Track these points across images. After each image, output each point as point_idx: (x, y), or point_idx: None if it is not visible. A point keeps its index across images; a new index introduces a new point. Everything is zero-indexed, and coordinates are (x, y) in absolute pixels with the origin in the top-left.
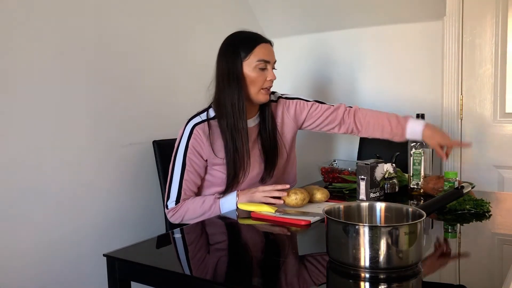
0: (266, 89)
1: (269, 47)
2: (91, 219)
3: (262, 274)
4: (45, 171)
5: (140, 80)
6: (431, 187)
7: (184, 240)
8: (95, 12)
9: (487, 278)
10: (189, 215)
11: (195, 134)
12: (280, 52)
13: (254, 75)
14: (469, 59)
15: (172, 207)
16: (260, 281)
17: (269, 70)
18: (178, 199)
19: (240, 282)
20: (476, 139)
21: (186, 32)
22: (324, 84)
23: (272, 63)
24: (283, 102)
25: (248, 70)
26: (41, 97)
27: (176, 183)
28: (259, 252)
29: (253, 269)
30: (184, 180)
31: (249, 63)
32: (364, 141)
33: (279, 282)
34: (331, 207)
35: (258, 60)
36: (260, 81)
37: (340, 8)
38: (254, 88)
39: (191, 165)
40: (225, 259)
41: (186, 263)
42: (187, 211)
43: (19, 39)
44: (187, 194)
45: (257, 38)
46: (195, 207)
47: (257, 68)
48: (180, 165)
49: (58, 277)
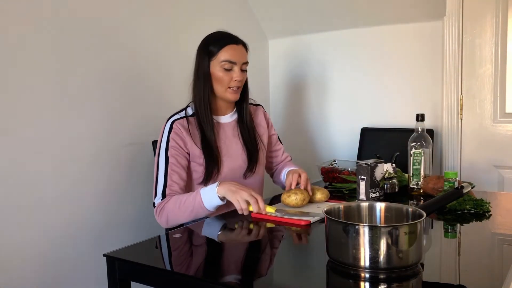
0: (233, 88)
1: (239, 48)
2: (91, 219)
3: (262, 274)
4: (44, 171)
5: (140, 81)
6: (431, 187)
7: (184, 240)
8: (95, 12)
9: (487, 278)
10: (175, 211)
11: (175, 128)
12: (280, 52)
13: (220, 74)
14: (469, 59)
15: (159, 202)
16: (260, 281)
17: (235, 70)
18: (164, 194)
19: (240, 282)
20: (476, 139)
21: (186, 32)
22: (323, 84)
23: (240, 64)
24: (262, 109)
25: (215, 69)
26: (40, 97)
27: (161, 178)
28: (259, 252)
29: (253, 269)
30: (168, 174)
31: (215, 63)
32: (364, 141)
33: (279, 282)
34: (331, 207)
35: (223, 61)
36: (226, 80)
37: (341, 9)
38: (220, 87)
39: (173, 157)
40: (225, 259)
41: (186, 263)
42: (172, 208)
43: (19, 39)
44: (173, 188)
45: (226, 39)
46: (180, 201)
47: (222, 68)
48: (164, 159)
49: (58, 277)
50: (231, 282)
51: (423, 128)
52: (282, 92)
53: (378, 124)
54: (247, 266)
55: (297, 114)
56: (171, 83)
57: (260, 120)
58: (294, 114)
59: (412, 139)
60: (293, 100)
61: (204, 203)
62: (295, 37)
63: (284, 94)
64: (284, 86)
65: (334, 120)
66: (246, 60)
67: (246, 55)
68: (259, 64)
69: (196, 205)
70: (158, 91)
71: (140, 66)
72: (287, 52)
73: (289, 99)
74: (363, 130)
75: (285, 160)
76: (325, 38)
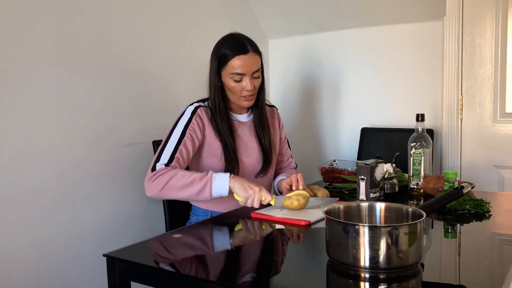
0: (247, 97)
1: (247, 57)
2: (91, 219)
3: (262, 274)
4: (44, 171)
5: (140, 81)
6: (431, 187)
7: (184, 240)
8: (95, 13)
9: (487, 278)
10: (175, 182)
11: (198, 113)
12: (280, 52)
13: (232, 85)
14: (469, 59)
15: (161, 167)
16: (261, 281)
17: (245, 81)
18: (169, 162)
19: (240, 282)
20: (476, 139)
21: (186, 32)
22: (323, 84)
23: (250, 73)
24: (276, 111)
25: (226, 80)
26: (40, 97)
27: (171, 148)
28: (259, 252)
29: (253, 269)
30: (180, 147)
31: (225, 74)
32: (364, 141)
33: (279, 282)
34: (331, 207)
35: (231, 73)
36: (237, 91)
37: (341, 9)
38: (233, 96)
39: (190, 136)
40: (225, 259)
41: (186, 263)
42: (175, 175)
43: (19, 39)
44: (178, 162)
45: (235, 50)
46: (185, 174)
47: (232, 79)
48: (180, 132)
49: (58, 277)
50: (231, 282)
51: (423, 128)
52: (282, 92)
53: (378, 124)
54: (247, 266)
55: (297, 114)
56: (172, 83)
57: (273, 121)
58: (294, 114)
59: (412, 139)
60: (293, 100)
61: (212, 188)
62: (295, 37)
63: (284, 94)
64: (283, 86)
65: (334, 120)
66: (257, 68)
67: (258, 62)
68: None
69: (201, 186)
70: (159, 91)
71: (141, 66)
72: (287, 52)
73: (289, 99)
74: (363, 130)
75: (288, 166)
76: (325, 38)
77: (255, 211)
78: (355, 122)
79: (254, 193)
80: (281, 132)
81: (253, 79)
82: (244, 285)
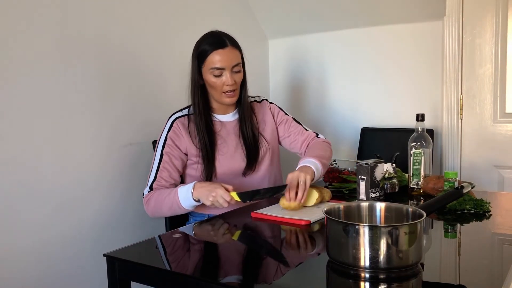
0: (228, 93)
1: (226, 52)
2: (91, 219)
3: (262, 274)
4: (44, 171)
5: (140, 81)
6: (431, 187)
7: (184, 240)
8: (95, 13)
9: (487, 278)
10: (157, 205)
11: (174, 127)
12: (280, 52)
13: (212, 80)
14: (469, 59)
15: (146, 194)
16: (261, 281)
17: (225, 75)
18: (151, 186)
19: (240, 282)
20: (476, 139)
21: (187, 33)
22: (324, 84)
23: (230, 68)
24: (267, 104)
25: (206, 76)
26: (40, 97)
27: (153, 172)
28: (259, 252)
29: (253, 269)
30: (159, 170)
31: (205, 70)
32: (364, 141)
33: (279, 282)
34: (331, 207)
35: (211, 68)
36: (218, 86)
37: (341, 9)
38: (215, 92)
39: (168, 156)
40: (225, 259)
41: (186, 263)
42: (155, 200)
43: (19, 39)
44: (160, 183)
45: (213, 45)
46: (162, 196)
47: (212, 75)
48: (159, 155)
49: (58, 277)
50: (231, 282)
51: (423, 128)
52: (282, 92)
53: (378, 124)
54: (247, 266)
55: (297, 114)
56: (171, 83)
57: (264, 115)
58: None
59: (412, 139)
60: (293, 100)
61: (181, 202)
62: (295, 37)
63: (284, 94)
64: (284, 86)
65: (334, 120)
66: (237, 62)
67: (238, 56)
68: (259, 64)
69: (174, 203)
70: (159, 91)
71: (141, 67)
72: (287, 52)
73: (289, 99)
74: (363, 130)
75: (308, 138)
76: (325, 38)
77: (255, 211)
78: (355, 122)
79: (216, 195)
80: (278, 117)
81: (234, 74)
82: (244, 285)
